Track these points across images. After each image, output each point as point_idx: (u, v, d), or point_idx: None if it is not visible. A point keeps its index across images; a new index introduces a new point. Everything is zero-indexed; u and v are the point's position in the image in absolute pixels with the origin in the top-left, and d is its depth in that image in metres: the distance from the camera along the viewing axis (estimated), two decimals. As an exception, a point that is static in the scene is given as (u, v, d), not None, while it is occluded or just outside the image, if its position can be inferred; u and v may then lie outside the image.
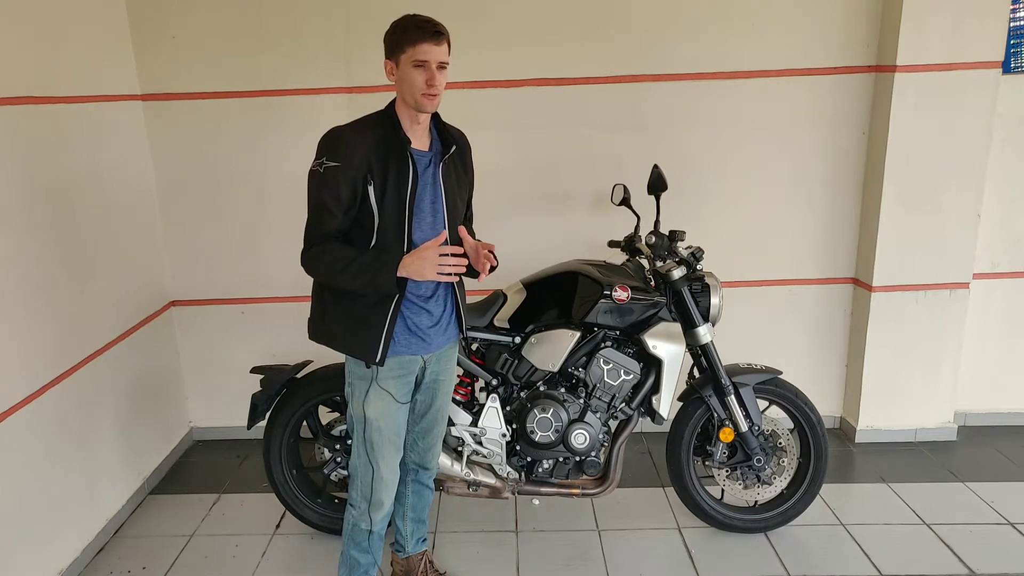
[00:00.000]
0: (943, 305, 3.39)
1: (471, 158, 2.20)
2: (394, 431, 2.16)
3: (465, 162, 2.17)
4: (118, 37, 3.17)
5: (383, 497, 2.19)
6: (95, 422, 2.89)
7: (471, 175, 2.22)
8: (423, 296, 2.08)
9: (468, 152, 2.19)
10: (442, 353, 2.22)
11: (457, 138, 2.13)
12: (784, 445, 2.78)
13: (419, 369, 2.17)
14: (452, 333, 2.20)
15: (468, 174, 2.19)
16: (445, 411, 2.35)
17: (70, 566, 2.66)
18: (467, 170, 2.19)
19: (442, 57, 1.94)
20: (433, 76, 1.92)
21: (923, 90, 3.14)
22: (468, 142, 2.19)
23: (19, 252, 2.47)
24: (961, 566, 2.66)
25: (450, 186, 2.09)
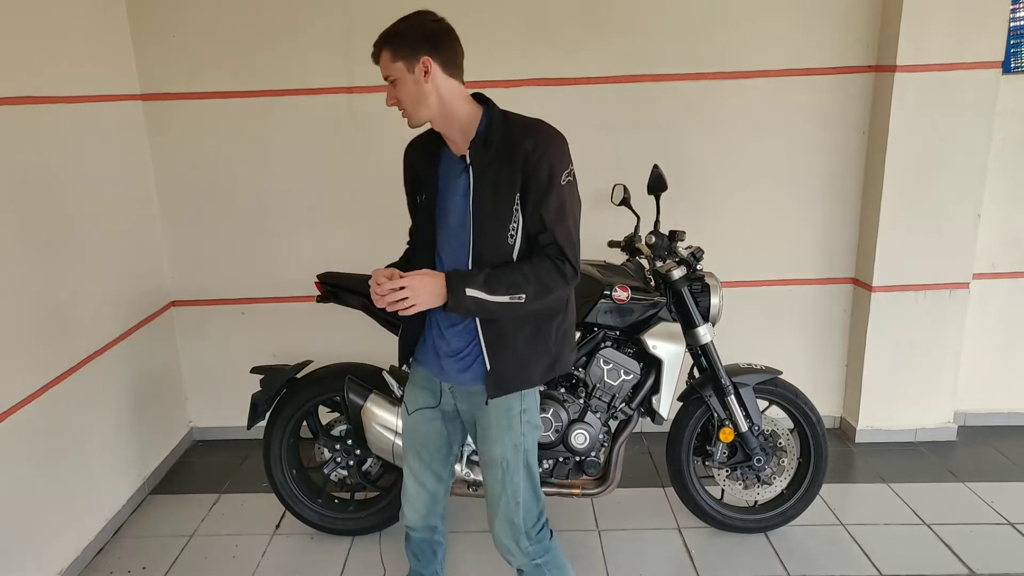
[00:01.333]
0: (943, 305, 3.39)
1: (529, 159, 1.79)
2: (418, 441, 2.09)
3: (513, 165, 1.80)
4: (118, 37, 3.17)
5: (404, 504, 2.15)
6: (95, 422, 2.89)
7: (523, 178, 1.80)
8: (447, 322, 1.93)
9: (517, 152, 1.80)
10: (469, 395, 1.97)
11: (500, 138, 1.83)
12: (784, 445, 2.78)
13: (440, 392, 2.02)
14: (474, 375, 1.93)
15: (517, 179, 1.81)
16: (499, 475, 1.96)
17: (70, 566, 2.66)
18: (515, 174, 1.80)
19: (385, 71, 1.82)
20: (387, 95, 1.85)
21: (923, 90, 3.14)
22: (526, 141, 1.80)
23: (19, 252, 2.47)
24: (961, 566, 2.66)
25: (483, 193, 1.83)
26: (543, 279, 1.79)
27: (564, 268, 1.81)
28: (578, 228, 1.87)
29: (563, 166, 1.82)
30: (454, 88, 1.83)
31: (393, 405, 2.60)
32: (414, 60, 1.78)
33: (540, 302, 1.81)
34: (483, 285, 1.78)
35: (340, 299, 2.68)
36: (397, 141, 3.40)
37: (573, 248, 1.83)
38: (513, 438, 1.94)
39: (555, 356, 1.94)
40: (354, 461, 2.80)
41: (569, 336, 1.98)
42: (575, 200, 1.87)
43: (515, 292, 1.78)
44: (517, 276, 1.79)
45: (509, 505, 1.96)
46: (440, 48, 1.81)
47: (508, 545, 1.99)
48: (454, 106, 1.84)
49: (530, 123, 1.86)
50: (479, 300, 1.78)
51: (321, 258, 3.28)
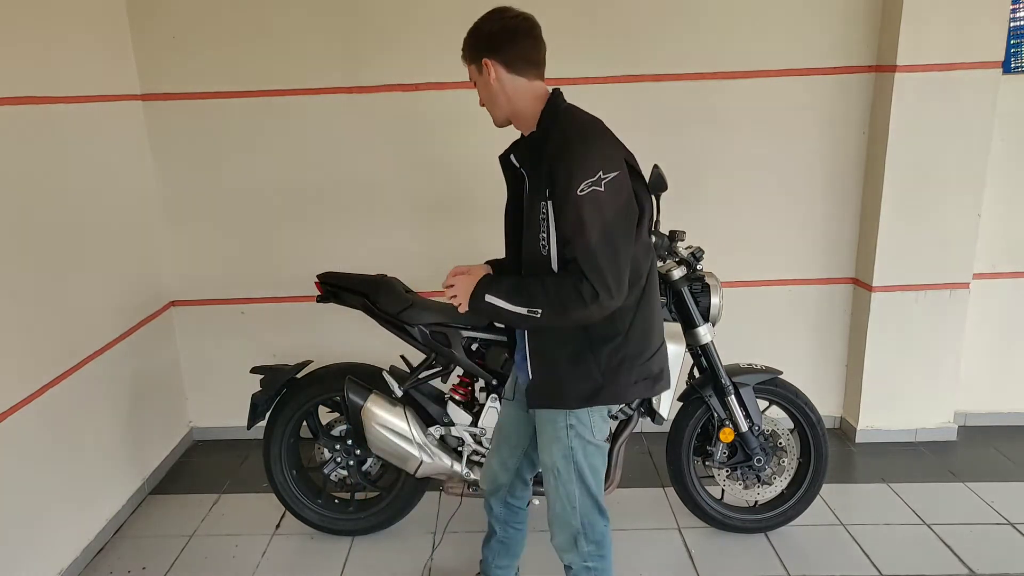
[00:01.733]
0: (943, 305, 3.39)
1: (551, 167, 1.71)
2: (500, 426, 2.24)
3: (541, 171, 1.74)
4: (118, 37, 3.17)
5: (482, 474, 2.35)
6: (95, 422, 2.88)
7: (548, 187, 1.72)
8: None
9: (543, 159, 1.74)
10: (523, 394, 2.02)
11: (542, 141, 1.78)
12: (784, 445, 2.78)
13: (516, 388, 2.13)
14: (524, 380, 1.95)
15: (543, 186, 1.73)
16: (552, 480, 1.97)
17: (70, 566, 2.66)
18: (542, 181, 1.73)
19: (469, 77, 1.91)
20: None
21: (923, 90, 3.14)
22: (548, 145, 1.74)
23: (19, 252, 2.46)
24: (961, 566, 2.66)
25: (527, 198, 1.81)
26: (560, 296, 1.71)
27: (583, 288, 1.67)
28: (612, 245, 1.68)
29: (585, 174, 1.66)
30: (522, 86, 1.81)
31: (393, 405, 2.60)
32: (479, 62, 1.83)
33: (559, 320, 1.73)
34: (505, 293, 1.78)
35: (340, 299, 2.68)
36: (397, 141, 3.43)
37: (596, 268, 1.66)
38: (561, 449, 1.92)
39: (601, 384, 1.83)
40: (354, 461, 2.80)
41: (626, 366, 1.84)
42: (602, 212, 1.67)
43: (532, 305, 1.74)
44: (538, 289, 1.74)
45: (565, 508, 1.98)
46: (500, 48, 1.79)
47: (564, 540, 2.02)
48: (521, 105, 1.83)
49: (566, 124, 1.77)
50: (496, 307, 1.78)
51: (321, 258, 3.28)
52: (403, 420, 2.58)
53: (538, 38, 1.82)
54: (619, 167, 1.71)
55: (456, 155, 3.39)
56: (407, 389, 2.65)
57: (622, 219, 1.71)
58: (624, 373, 1.85)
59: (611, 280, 1.68)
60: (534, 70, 1.81)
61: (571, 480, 1.93)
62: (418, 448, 2.58)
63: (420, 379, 2.67)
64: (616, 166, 1.71)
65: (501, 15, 1.82)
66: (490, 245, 3.46)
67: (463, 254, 3.50)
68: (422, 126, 3.34)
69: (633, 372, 1.86)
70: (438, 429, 2.65)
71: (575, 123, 1.77)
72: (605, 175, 1.67)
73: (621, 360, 1.83)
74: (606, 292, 1.68)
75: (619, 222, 1.70)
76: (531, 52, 1.81)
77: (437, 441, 2.64)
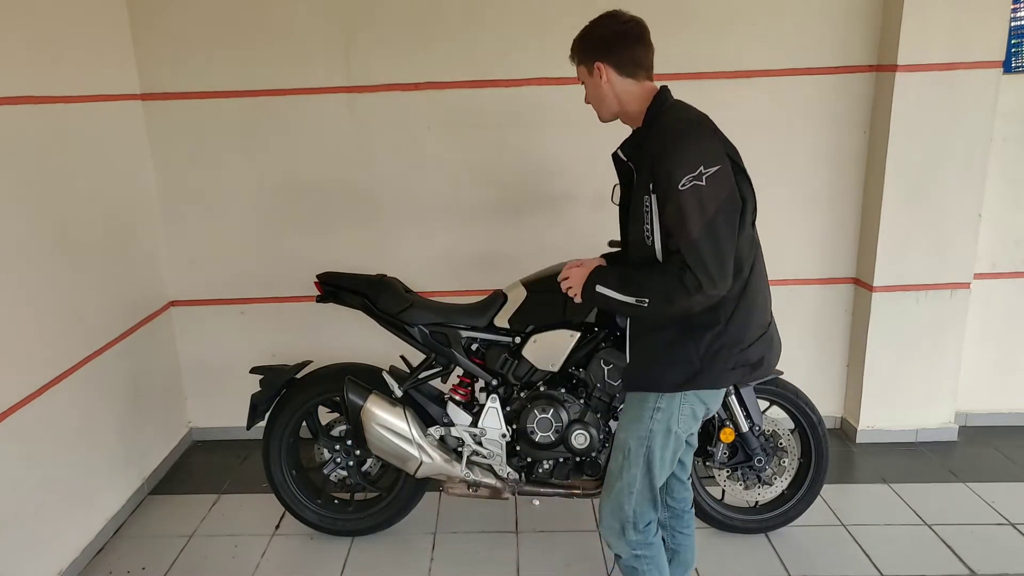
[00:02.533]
0: (944, 305, 3.39)
1: (654, 163, 1.78)
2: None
3: (646, 168, 1.82)
4: (118, 37, 3.17)
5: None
6: (95, 422, 2.88)
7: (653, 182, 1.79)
8: None
9: (647, 155, 1.82)
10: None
11: (646, 139, 1.86)
12: (785, 445, 2.77)
13: None
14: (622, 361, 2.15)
15: (648, 181, 1.80)
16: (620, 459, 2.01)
17: (70, 566, 2.65)
18: (647, 177, 1.81)
19: (577, 73, 1.99)
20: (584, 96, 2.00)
21: (924, 90, 3.14)
22: (652, 144, 1.82)
23: (18, 252, 2.46)
24: (962, 566, 2.65)
25: (634, 192, 1.89)
26: (665, 287, 1.78)
27: (686, 279, 1.73)
28: (715, 237, 1.72)
29: (687, 169, 1.71)
30: (631, 88, 1.90)
31: (393, 405, 2.60)
32: (591, 65, 1.91)
33: (665, 309, 1.81)
34: (615, 284, 1.87)
35: (340, 299, 2.68)
36: (397, 141, 3.43)
37: (700, 259, 1.72)
38: (640, 430, 1.96)
39: (697, 368, 1.88)
40: (354, 461, 2.79)
41: (723, 353, 1.88)
42: (704, 205, 1.71)
43: (640, 295, 1.82)
44: (645, 279, 1.83)
45: (622, 491, 2.00)
46: (613, 51, 1.87)
47: (614, 527, 2.04)
48: (630, 106, 1.92)
49: (669, 120, 1.85)
50: (606, 297, 1.89)
51: (321, 258, 3.28)
52: (403, 420, 2.58)
53: (648, 42, 1.91)
54: (720, 161, 1.76)
55: (456, 155, 3.39)
56: (407, 389, 2.65)
57: (724, 211, 1.75)
58: (721, 360, 1.89)
59: (714, 270, 1.73)
60: (644, 72, 1.90)
61: (638, 464, 1.97)
62: (418, 448, 2.58)
63: (420, 379, 2.67)
64: (717, 160, 1.75)
65: (614, 19, 1.90)
66: (490, 246, 3.48)
67: (463, 254, 3.51)
68: (422, 126, 3.34)
69: (731, 359, 1.90)
70: (438, 429, 2.65)
71: (678, 120, 1.84)
72: (706, 169, 1.72)
73: (720, 347, 1.88)
74: (709, 282, 1.73)
75: (721, 214, 1.74)
76: (642, 56, 1.89)
77: (437, 441, 2.64)
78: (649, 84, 1.91)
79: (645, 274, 1.84)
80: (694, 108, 1.91)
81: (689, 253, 1.73)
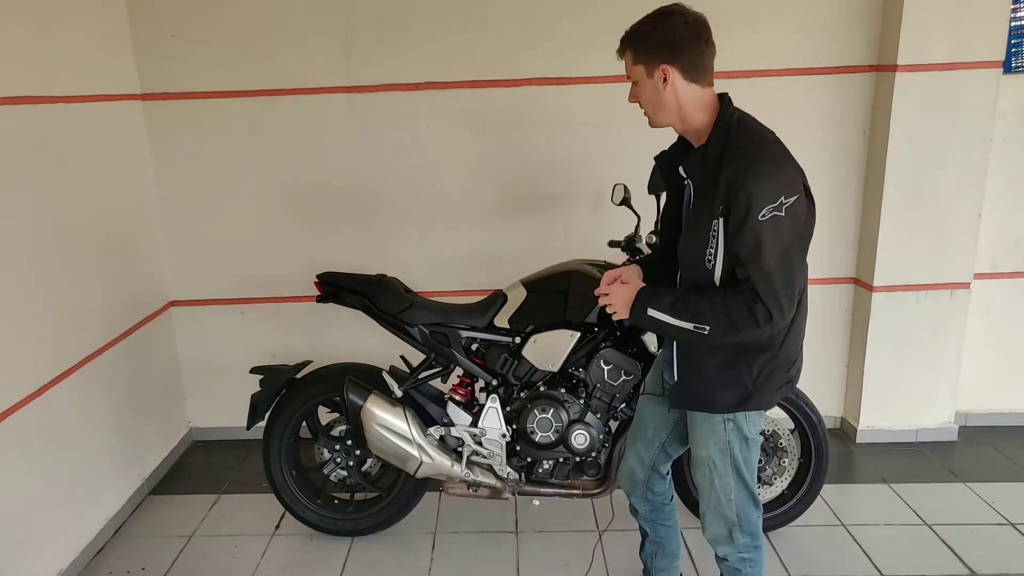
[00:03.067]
0: (944, 305, 3.39)
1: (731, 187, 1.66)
2: (637, 420, 2.22)
3: (717, 188, 1.69)
4: (118, 37, 3.17)
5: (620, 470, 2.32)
6: (95, 422, 2.88)
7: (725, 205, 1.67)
8: None
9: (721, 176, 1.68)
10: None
11: (715, 156, 1.72)
12: (785, 446, 2.77)
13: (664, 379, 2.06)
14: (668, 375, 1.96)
15: (718, 204, 1.68)
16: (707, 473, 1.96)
17: (70, 566, 2.65)
18: (717, 198, 1.69)
19: (627, 71, 1.79)
20: (630, 93, 1.83)
21: (924, 90, 3.14)
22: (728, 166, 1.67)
23: (18, 252, 2.46)
24: (962, 566, 2.65)
25: (693, 210, 1.79)
26: (732, 315, 1.70)
27: (756, 310, 1.68)
28: (788, 268, 1.68)
29: (767, 199, 1.64)
30: (694, 95, 1.75)
31: (393, 405, 2.60)
32: (653, 66, 1.74)
33: (727, 338, 1.74)
34: (669, 307, 1.76)
35: (340, 299, 2.68)
36: (397, 141, 3.43)
37: (771, 290, 1.67)
38: (718, 443, 1.92)
39: (750, 392, 1.84)
40: (354, 462, 2.80)
41: (775, 376, 1.85)
42: (784, 237, 1.66)
43: (700, 322, 1.73)
44: (705, 306, 1.72)
45: (720, 501, 1.98)
46: (681, 55, 1.71)
47: (720, 533, 2.02)
48: (691, 113, 1.77)
49: (745, 142, 1.71)
50: (659, 321, 1.78)
51: (321, 258, 3.28)
52: (403, 420, 2.58)
53: (712, 43, 1.75)
54: (798, 190, 1.69)
55: (456, 155, 3.38)
56: (407, 389, 2.65)
57: (798, 242, 1.71)
58: (772, 382, 1.86)
59: (784, 301, 1.69)
60: (707, 77, 1.76)
61: (727, 473, 1.94)
62: (418, 448, 2.58)
63: (420, 379, 2.67)
64: (796, 189, 1.69)
65: (683, 17, 1.72)
66: (490, 247, 3.48)
67: (463, 254, 3.51)
68: (422, 126, 3.34)
69: (779, 380, 1.88)
70: (438, 429, 2.65)
71: (752, 141, 1.72)
72: (786, 200, 1.66)
73: (772, 370, 1.85)
74: (779, 313, 1.69)
75: (795, 245, 1.70)
76: (708, 59, 1.75)
77: (437, 441, 2.64)
78: (711, 92, 1.77)
79: (704, 299, 1.73)
80: (758, 121, 1.79)
81: (762, 284, 1.67)
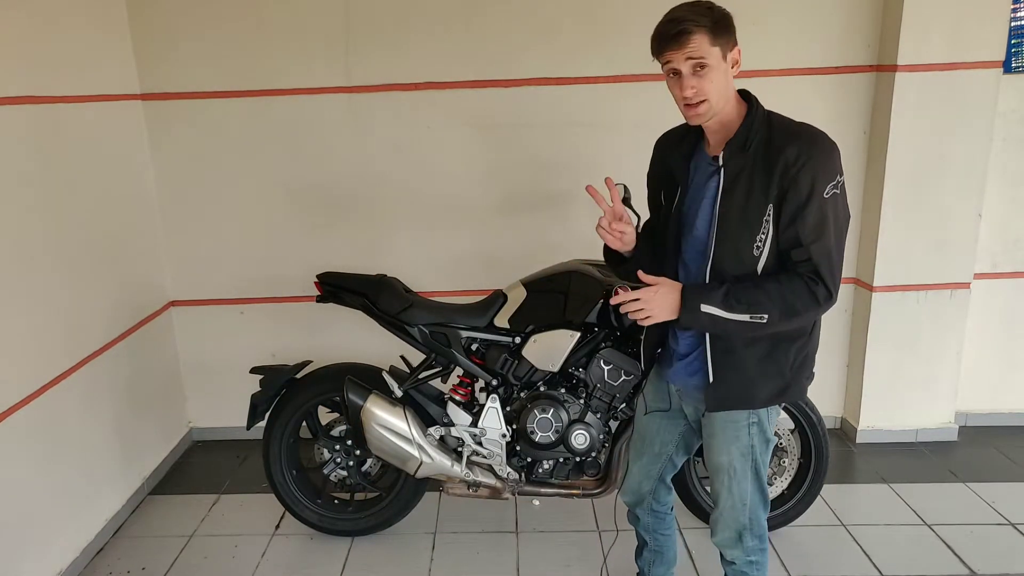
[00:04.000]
0: (944, 305, 3.39)
1: (790, 168, 1.66)
2: (641, 436, 2.17)
3: (771, 173, 1.68)
4: (118, 37, 3.17)
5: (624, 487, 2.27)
6: (94, 422, 2.88)
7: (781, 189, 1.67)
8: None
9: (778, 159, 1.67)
10: (695, 400, 1.97)
11: (761, 142, 1.71)
12: (785, 446, 2.77)
13: (669, 392, 2.05)
14: (699, 382, 1.89)
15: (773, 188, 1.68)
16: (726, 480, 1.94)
17: (70, 566, 2.65)
18: (772, 183, 1.67)
19: (694, 55, 1.64)
20: (685, 85, 1.67)
21: (924, 90, 3.14)
22: (788, 148, 1.67)
23: (18, 252, 2.46)
24: (962, 566, 2.65)
25: (732, 199, 1.73)
26: (791, 300, 1.67)
27: (817, 290, 1.67)
28: (841, 246, 1.71)
29: (828, 177, 1.66)
30: (732, 82, 1.76)
31: (393, 405, 2.60)
32: (729, 49, 1.70)
33: (785, 324, 1.70)
34: (721, 301, 1.70)
35: (340, 299, 2.68)
36: (396, 141, 3.43)
37: (831, 268, 1.68)
38: (740, 448, 1.90)
39: (788, 382, 1.82)
40: (354, 461, 2.80)
41: (808, 362, 1.85)
42: (840, 215, 1.70)
43: (757, 311, 1.68)
44: (761, 294, 1.68)
45: (736, 507, 1.96)
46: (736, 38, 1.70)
47: (730, 538, 2.00)
48: (731, 104, 1.76)
49: (796, 128, 1.72)
50: (715, 317, 1.70)
51: (321, 258, 3.28)
52: (403, 420, 2.58)
53: None
54: (842, 170, 1.73)
55: (456, 155, 3.38)
56: (407, 389, 2.65)
57: (846, 221, 1.76)
58: (805, 370, 1.86)
59: (839, 279, 1.72)
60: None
61: (746, 478, 1.92)
62: (418, 448, 2.58)
63: (420, 379, 2.68)
64: (841, 169, 1.73)
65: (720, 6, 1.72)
66: (490, 246, 3.48)
67: (463, 254, 3.51)
68: (422, 126, 3.34)
69: (809, 368, 1.88)
70: (438, 429, 2.65)
71: (803, 126, 1.74)
72: (841, 178, 1.70)
73: (805, 357, 1.85)
74: (836, 291, 1.70)
75: (845, 224, 1.74)
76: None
77: (437, 442, 2.64)
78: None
79: (757, 289, 1.70)
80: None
81: (823, 263, 1.67)
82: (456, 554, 2.79)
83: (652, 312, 1.75)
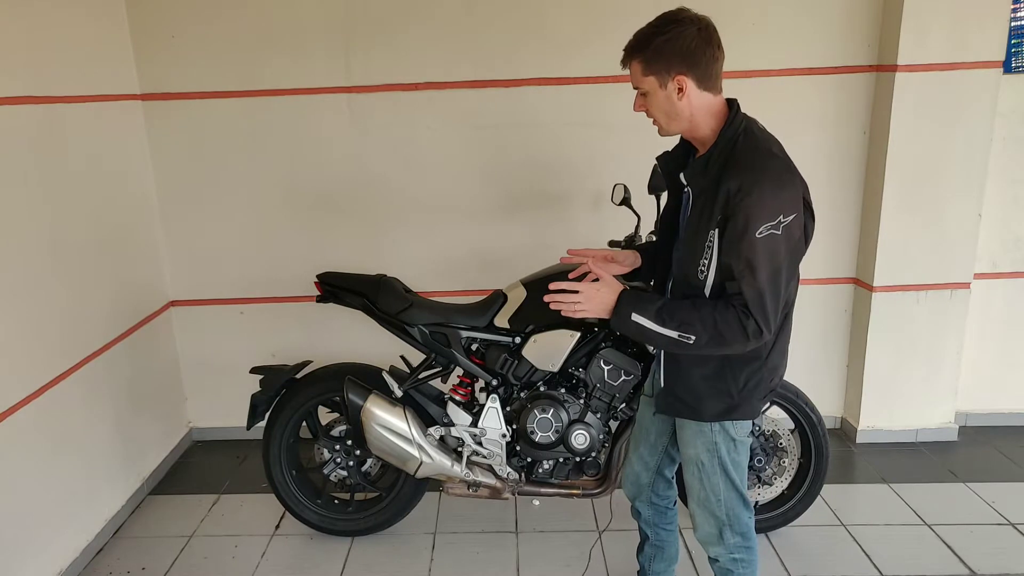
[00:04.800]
0: (944, 305, 3.39)
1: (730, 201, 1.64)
2: (640, 424, 2.22)
3: (716, 201, 1.67)
4: (118, 37, 3.17)
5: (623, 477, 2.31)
6: (94, 422, 2.88)
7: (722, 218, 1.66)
8: None
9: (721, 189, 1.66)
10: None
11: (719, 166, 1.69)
12: (785, 446, 2.77)
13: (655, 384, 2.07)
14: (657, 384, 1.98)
15: (716, 216, 1.67)
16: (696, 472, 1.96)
17: (70, 566, 2.65)
18: (715, 211, 1.67)
19: (635, 82, 1.73)
20: (635, 102, 1.77)
21: (924, 90, 3.14)
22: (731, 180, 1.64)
23: (18, 252, 2.46)
24: (962, 566, 2.65)
25: (690, 219, 1.77)
26: (721, 328, 1.69)
27: (747, 324, 1.67)
28: (777, 286, 1.68)
29: (767, 217, 1.62)
30: (706, 103, 1.71)
31: (393, 405, 2.60)
32: (667, 77, 1.68)
33: (713, 349, 1.72)
34: (654, 314, 1.74)
35: (340, 299, 2.68)
36: (396, 141, 3.43)
37: (762, 306, 1.67)
38: (705, 443, 1.92)
39: (737, 402, 1.84)
40: (354, 462, 2.80)
41: (760, 386, 1.86)
42: (778, 255, 1.66)
43: (686, 331, 1.71)
44: (694, 316, 1.71)
45: (709, 499, 1.97)
46: (697, 64, 1.66)
47: (710, 533, 2.01)
48: (701, 121, 1.73)
49: (750, 158, 1.67)
50: (643, 328, 1.75)
51: (321, 258, 3.28)
52: (403, 420, 2.58)
53: (722, 48, 1.70)
54: (797, 208, 1.67)
55: (456, 155, 3.38)
56: (407, 389, 2.65)
57: (790, 259, 1.71)
58: (758, 393, 1.87)
59: (772, 317, 1.70)
60: (718, 84, 1.72)
61: (715, 473, 1.94)
62: (418, 448, 2.58)
63: (420, 379, 2.67)
64: (795, 208, 1.67)
65: (695, 24, 1.66)
66: (490, 245, 3.48)
67: (463, 254, 3.51)
68: (422, 126, 3.34)
69: (763, 390, 1.88)
70: (438, 429, 2.65)
71: (758, 156, 1.68)
72: (784, 219, 1.64)
73: (758, 382, 1.85)
74: (767, 329, 1.70)
75: (786, 261, 1.69)
76: (720, 66, 1.71)
77: (437, 442, 2.64)
78: (720, 97, 1.74)
79: (693, 309, 1.72)
80: (766, 131, 1.76)
81: (754, 301, 1.67)
82: (456, 554, 2.79)
83: (586, 307, 1.82)
